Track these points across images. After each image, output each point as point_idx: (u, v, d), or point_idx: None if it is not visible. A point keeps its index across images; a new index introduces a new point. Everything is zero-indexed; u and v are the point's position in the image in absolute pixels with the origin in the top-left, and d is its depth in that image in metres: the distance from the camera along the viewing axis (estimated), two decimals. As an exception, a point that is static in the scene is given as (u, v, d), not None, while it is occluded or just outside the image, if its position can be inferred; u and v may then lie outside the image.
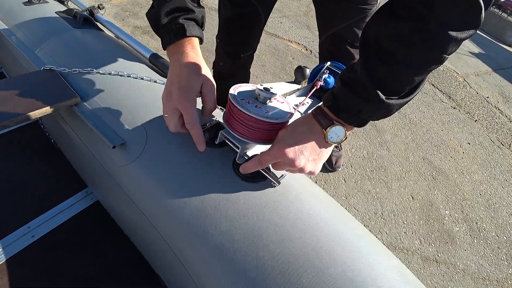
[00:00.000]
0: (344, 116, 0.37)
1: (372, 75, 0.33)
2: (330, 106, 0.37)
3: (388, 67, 0.33)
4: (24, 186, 0.68)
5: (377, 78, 0.33)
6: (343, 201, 1.23)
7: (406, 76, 0.33)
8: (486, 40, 4.42)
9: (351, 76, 0.35)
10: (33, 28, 0.69)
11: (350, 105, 0.36)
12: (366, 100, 0.34)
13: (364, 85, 0.34)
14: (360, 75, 0.34)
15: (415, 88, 0.35)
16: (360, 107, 0.35)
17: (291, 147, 0.37)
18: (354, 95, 0.35)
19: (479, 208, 1.44)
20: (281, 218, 0.39)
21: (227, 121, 0.43)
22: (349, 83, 0.36)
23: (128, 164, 0.45)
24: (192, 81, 0.41)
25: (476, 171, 1.67)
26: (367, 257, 0.37)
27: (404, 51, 0.32)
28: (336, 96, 0.37)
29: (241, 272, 0.36)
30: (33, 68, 0.60)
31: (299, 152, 0.37)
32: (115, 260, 0.61)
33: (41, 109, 0.48)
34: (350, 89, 0.35)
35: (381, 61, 0.33)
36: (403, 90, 0.34)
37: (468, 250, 1.22)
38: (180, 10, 0.42)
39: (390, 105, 0.34)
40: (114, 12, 1.95)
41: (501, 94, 2.75)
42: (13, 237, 0.59)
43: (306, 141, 0.37)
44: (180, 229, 0.41)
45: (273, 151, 0.38)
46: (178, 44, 0.42)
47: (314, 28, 2.54)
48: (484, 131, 2.08)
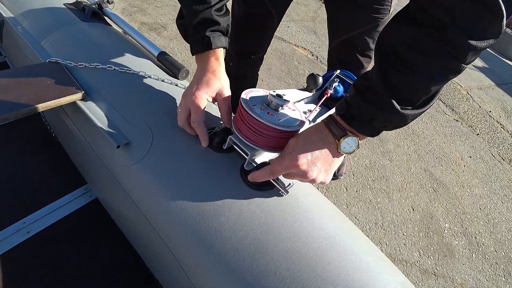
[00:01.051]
0: (356, 125, 0.36)
1: (386, 83, 0.32)
2: (343, 114, 0.37)
3: (403, 76, 0.32)
4: (22, 179, 0.67)
5: (392, 87, 0.32)
6: (344, 209, 1.22)
7: (422, 86, 0.32)
8: (489, 55, 4.45)
9: (365, 84, 0.35)
10: (40, 19, 0.68)
11: (363, 113, 0.35)
12: (380, 109, 0.33)
13: (378, 93, 0.33)
14: (375, 83, 0.33)
15: (431, 98, 0.34)
16: (373, 115, 0.34)
17: (304, 158, 0.36)
18: (368, 103, 0.34)
19: (478, 222, 1.44)
20: (287, 229, 0.38)
21: (237, 126, 0.42)
22: (362, 90, 0.35)
23: (132, 165, 0.44)
24: (207, 87, 0.45)
25: (477, 185, 1.67)
26: (375, 273, 0.36)
27: (421, 59, 0.31)
28: (349, 104, 0.36)
29: (242, 280, 0.35)
30: (38, 59, 0.58)
31: (312, 164, 0.36)
32: (111, 259, 0.60)
33: (44, 103, 0.46)
34: (364, 97, 0.34)
35: (397, 69, 0.32)
36: (418, 99, 0.33)
37: (466, 265, 1.21)
38: (206, 22, 0.45)
39: (405, 115, 0.33)
40: (122, 7, 1.94)
41: (503, 109, 2.76)
42: (7, 232, 0.57)
43: (319, 152, 0.37)
44: (182, 233, 0.39)
45: (285, 162, 0.37)
46: (204, 54, 0.46)
47: (321, 34, 2.54)
48: (486, 145, 2.08)
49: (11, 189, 0.64)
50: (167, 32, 1.85)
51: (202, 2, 0.44)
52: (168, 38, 1.80)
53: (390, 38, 0.33)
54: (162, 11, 2.04)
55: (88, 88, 0.51)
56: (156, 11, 2.02)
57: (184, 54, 1.73)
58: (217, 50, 0.46)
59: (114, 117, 0.47)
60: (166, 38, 1.79)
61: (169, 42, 1.77)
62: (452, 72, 0.31)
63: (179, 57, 1.69)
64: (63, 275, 0.55)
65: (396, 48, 0.32)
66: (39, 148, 0.73)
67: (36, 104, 0.46)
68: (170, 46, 1.74)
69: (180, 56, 1.70)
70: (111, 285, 0.57)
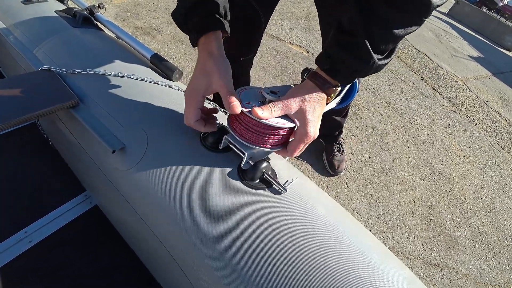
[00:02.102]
0: (341, 78, 0.40)
1: (369, 38, 0.37)
2: (327, 69, 0.40)
3: (382, 30, 0.37)
4: (21, 189, 0.66)
5: (373, 41, 0.37)
6: (345, 205, 1.22)
7: (393, 37, 0.37)
8: (485, 44, 4.45)
9: (348, 39, 0.38)
10: (32, 27, 0.68)
11: (347, 66, 0.39)
12: (363, 61, 0.38)
13: (363, 47, 0.37)
14: (360, 39, 0.37)
15: (394, 48, 0.40)
16: (356, 67, 0.38)
17: (316, 128, 0.40)
18: (352, 56, 0.38)
19: (480, 212, 1.44)
20: (287, 227, 0.38)
21: (231, 126, 0.41)
22: (346, 45, 0.38)
23: (128, 169, 0.44)
24: (196, 83, 0.41)
25: (477, 175, 1.67)
26: (378, 268, 0.36)
27: (397, 15, 0.36)
28: (333, 59, 0.39)
29: (245, 280, 0.35)
30: (31, 68, 0.58)
31: (317, 128, 0.41)
32: (113, 264, 0.60)
33: (38, 112, 0.46)
34: (348, 51, 0.38)
35: (377, 24, 0.37)
36: (388, 49, 0.39)
37: (470, 255, 1.21)
38: (201, 5, 0.41)
39: (380, 65, 0.39)
40: (115, 12, 1.94)
41: (500, 98, 2.76)
42: (10, 242, 0.57)
43: (319, 113, 0.41)
44: (181, 235, 0.39)
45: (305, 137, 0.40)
46: (199, 44, 0.43)
47: (315, 31, 2.54)
48: (484, 135, 2.08)
49: (11, 199, 0.64)
50: (161, 35, 1.85)
51: None
52: (162, 42, 1.80)
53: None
54: (155, 14, 2.04)
55: (81, 94, 0.51)
56: (149, 15, 2.02)
57: (179, 56, 1.73)
58: (211, 35, 0.42)
59: (108, 122, 0.47)
60: (160, 42, 1.79)
61: (163, 46, 1.77)
62: (416, 24, 0.38)
63: (173, 59, 1.69)
64: (63, 276, 0.55)
65: (376, 6, 0.36)
66: (37, 156, 0.73)
67: (30, 113, 0.46)
68: (164, 49, 1.74)
69: (175, 59, 1.70)
70: (110, 285, 0.57)
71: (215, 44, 0.42)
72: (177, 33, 1.91)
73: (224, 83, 0.40)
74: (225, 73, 0.41)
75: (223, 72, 0.41)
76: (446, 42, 3.72)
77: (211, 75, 0.41)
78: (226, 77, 0.41)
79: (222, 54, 0.42)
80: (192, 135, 0.46)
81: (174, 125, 0.47)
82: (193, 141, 0.45)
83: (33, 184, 0.68)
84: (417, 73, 2.57)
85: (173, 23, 1.67)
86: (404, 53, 2.84)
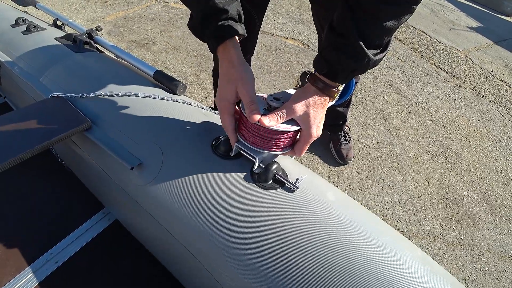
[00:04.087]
0: (340, 79, 0.42)
1: (362, 37, 0.38)
2: (326, 73, 0.41)
3: (373, 26, 0.38)
4: (42, 211, 0.69)
5: (366, 39, 0.38)
6: (358, 193, 1.22)
7: (386, 31, 0.38)
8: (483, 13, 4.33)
9: (342, 42, 0.39)
10: (35, 56, 0.70)
11: (345, 68, 0.40)
12: (359, 60, 0.39)
13: (357, 48, 0.38)
14: (353, 39, 0.38)
15: (390, 40, 0.41)
16: (354, 67, 0.40)
17: (320, 128, 0.43)
18: (348, 58, 0.39)
19: (497, 185, 1.42)
20: (305, 221, 0.39)
21: (240, 133, 0.43)
22: (340, 47, 0.39)
23: (147, 183, 0.45)
24: (224, 93, 0.42)
25: (490, 147, 1.64)
26: (392, 251, 0.38)
27: (387, 9, 0.37)
28: (330, 62, 0.40)
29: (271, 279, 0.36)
30: (40, 96, 0.60)
31: (321, 128, 0.43)
32: (137, 273, 0.62)
33: (54, 138, 0.48)
34: (344, 53, 0.39)
35: (367, 22, 0.37)
36: (382, 43, 0.40)
37: (491, 230, 1.20)
38: (212, 14, 0.41)
39: (377, 60, 0.40)
40: (108, 29, 1.96)
41: (505, 66, 2.69)
42: (38, 264, 0.60)
43: (323, 116, 0.43)
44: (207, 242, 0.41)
45: (309, 138, 0.43)
46: (218, 51, 0.43)
47: (308, 22, 2.52)
48: (493, 106, 2.04)
49: (34, 223, 0.67)
50: (155, 46, 1.87)
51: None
52: (158, 52, 1.82)
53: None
54: (147, 26, 2.06)
55: (93, 117, 0.53)
56: (142, 27, 2.04)
57: (176, 65, 1.75)
58: (228, 42, 0.42)
59: (123, 141, 0.49)
60: (156, 52, 1.81)
61: (159, 56, 1.79)
62: (407, 13, 0.38)
63: (171, 68, 1.70)
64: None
65: (364, 3, 0.37)
66: (53, 180, 0.75)
67: (47, 140, 0.48)
68: (161, 60, 1.76)
69: (173, 68, 1.71)
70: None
71: (234, 51, 0.42)
72: (171, 42, 1.92)
73: (246, 91, 0.41)
74: (248, 82, 0.42)
75: (245, 80, 0.42)
76: (443, 16, 3.63)
77: (235, 83, 0.42)
78: (248, 85, 0.42)
79: (243, 61, 0.43)
80: (204, 145, 0.47)
81: (185, 137, 0.49)
82: (205, 151, 0.46)
83: (52, 206, 0.70)
84: (416, 51, 2.53)
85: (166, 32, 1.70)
86: (401, 33, 2.79)
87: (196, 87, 1.60)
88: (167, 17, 2.19)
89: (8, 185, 0.72)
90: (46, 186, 0.74)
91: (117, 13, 2.18)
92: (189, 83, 1.62)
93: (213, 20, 0.41)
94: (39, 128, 0.49)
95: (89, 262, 0.62)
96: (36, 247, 0.62)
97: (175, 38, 1.96)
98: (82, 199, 0.71)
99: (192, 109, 0.56)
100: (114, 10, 2.20)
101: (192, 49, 1.88)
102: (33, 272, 0.58)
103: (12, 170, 0.46)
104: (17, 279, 0.56)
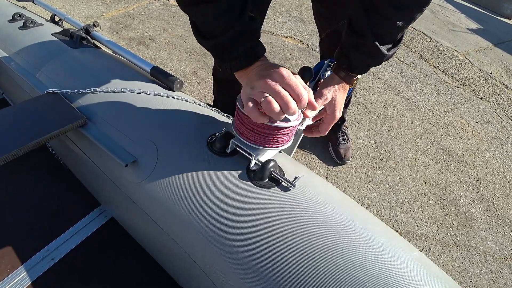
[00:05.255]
0: (358, 71, 0.48)
1: (378, 38, 0.43)
2: (346, 67, 0.47)
3: (388, 28, 0.43)
4: (38, 208, 0.69)
5: (381, 39, 0.43)
6: (355, 193, 1.22)
7: (399, 30, 0.44)
8: (483, 15, 4.34)
9: (361, 42, 0.44)
10: (32, 52, 0.69)
11: (363, 63, 0.47)
12: (376, 57, 0.45)
13: (373, 47, 0.44)
14: (369, 40, 0.43)
15: (402, 36, 0.46)
16: (370, 62, 0.47)
17: (341, 110, 0.49)
18: (366, 56, 0.45)
19: (494, 187, 1.42)
20: (300, 220, 0.39)
21: (237, 129, 0.42)
22: (360, 47, 0.45)
23: (142, 181, 0.45)
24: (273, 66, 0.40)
25: (487, 149, 1.64)
26: (389, 251, 0.37)
27: (400, 13, 0.41)
28: (351, 58, 0.46)
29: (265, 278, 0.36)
30: (36, 92, 0.60)
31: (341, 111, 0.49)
32: (133, 271, 0.61)
33: (49, 134, 0.48)
34: (363, 52, 0.45)
35: (382, 25, 0.42)
36: (396, 39, 0.45)
37: (487, 231, 1.21)
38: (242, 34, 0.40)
39: (391, 55, 0.46)
40: (108, 26, 1.95)
41: (504, 68, 2.70)
42: (33, 261, 0.59)
43: (344, 100, 0.49)
44: (201, 240, 0.40)
45: (333, 120, 0.49)
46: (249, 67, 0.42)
47: (308, 21, 2.51)
48: (491, 108, 2.04)
49: (30, 220, 0.66)
50: (155, 44, 1.86)
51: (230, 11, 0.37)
52: (157, 50, 1.81)
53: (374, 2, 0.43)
54: (147, 24, 2.05)
55: (88, 113, 0.53)
56: (142, 25, 2.03)
57: (175, 63, 1.74)
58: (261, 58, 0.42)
59: (118, 137, 0.48)
60: (155, 50, 1.80)
61: (159, 54, 1.78)
62: (418, 13, 0.42)
63: (170, 66, 1.70)
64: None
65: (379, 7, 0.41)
66: (49, 176, 0.75)
67: (41, 137, 0.47)
68: (160, 57, 1.75)
69: (172, 66, 1.71)
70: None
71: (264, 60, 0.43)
72: (171, 40, 1.91)
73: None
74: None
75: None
76: (443, 17, 3.64)
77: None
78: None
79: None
80: (200, 142, 0.47)
81: (181, 134, 0.48)
82: (201, 147, 0.46)
83: (49, 203, 0.70)
84: (416, 52, 2.53)
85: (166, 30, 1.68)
86: (401, 34, 2.79)
87: (195, 86, 1.60)
88: (167, 15, 2.18)
89: (4, 182, 0.72)
90: (42, 183, 0.74)
91: (117, 10, 2.17)
92: (188, 82, 1.61)
93: (246, 39, 0.40)
94: (33, 124, 0.49)
95: (85, 259, 0.62)
96: (32, 244, 0.62)
97: (175, 36, 1.95)
98: (79, 197, 0.71)
99: (189, 105, 0.56)
100: (113, 7, 2.19)
101: (191, 47, 1.87)
102: (29, 269, 0.57)
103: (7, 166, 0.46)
104: (13, 276, 0.56)
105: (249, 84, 0.38)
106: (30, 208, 0.68)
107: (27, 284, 0.56)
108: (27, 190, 0.72)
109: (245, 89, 0.39)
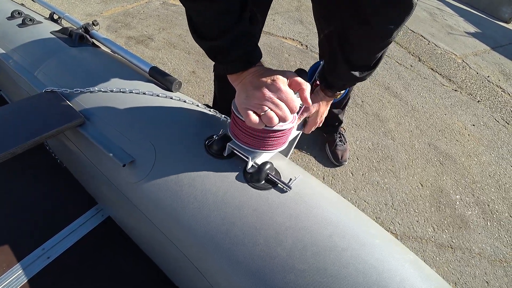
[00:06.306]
0: (336, 90, 0.56)
1: (349, 65, 0.49)
2: (325, 86, 0.56)
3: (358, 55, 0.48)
4: (35, 207, 0.68)
5: (353, 66, 0.49)
6: (352, 194, 1.22)
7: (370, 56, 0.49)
8: (481, 19, 4.37)
9: (333, 67, 0.52)
10: (30, 50, 0.69)
11: (339, 83, 0.54)
12: (349, 80, 0.52)
13: (345, 73, 0.50)
14: (340, 67, 0.50)
15: (380, 59, 0.50)
16: (345, 83, 0.54)
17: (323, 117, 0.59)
18: (339, 79, 0.53)
19: (489, 189, 1.43)
20: (296, 222, 0.39)
21: (233, 133, 0.43)
22: (334, 71, 0.52)
23: (139, 181, 0.45)
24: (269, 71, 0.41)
25: (483, 152, 1.66)
26: (384, 253, 0.37)
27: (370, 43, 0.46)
28: (328, 79, 0.54)
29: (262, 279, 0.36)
30: (34, 90, 0.60)
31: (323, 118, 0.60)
32: (132, 273, 0.62)
33: (47, 133, 0.48)
34: (336, 75, 0.52)
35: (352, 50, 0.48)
36: (370, 63, 0.50)
37: (482, 234, 1.22)
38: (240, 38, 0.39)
39: (363, 77, 0.51)
40: (107, 24, 1.95)
41: (501, 72, 2.72)
42: (29, 259, 0.59)
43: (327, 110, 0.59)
44: (196, 240, 0.41)
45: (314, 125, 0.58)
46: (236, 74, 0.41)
47: (308, 22, 2.52)
48: (488, 111, 2.06)
49: (26, 218, 0.66)
50: (154, 42, 1.86)
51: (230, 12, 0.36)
52: (156, 49, 1.81)
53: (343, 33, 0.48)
54: (146, 22, 2.05)
55: (86, 113, 0.53)
56: (141, 24, 2.02)
57: (174, 62, 1.74)
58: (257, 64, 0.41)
59: (116, 137, 0.48)
60: (154, 49, 1.80)
61: (157, 53, 1.78)
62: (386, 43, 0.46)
63: (169, 66, 1.70)
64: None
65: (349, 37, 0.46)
66: (47, 175, 0.75)
67: (39, 135, 0.47)
68: (159, 56, 1.75)
69: (170, 65, 1.71)
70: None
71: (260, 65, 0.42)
72: (170, 39, 1.91)
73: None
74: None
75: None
76: (441, 20, 3.66)
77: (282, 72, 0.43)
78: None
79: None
80: (197, 144, 0.47)
81: (179, 135, 0.49)
82: (198, 149, 0.46)
83: (46, 202, 0.70)
84: (414, 55, 2.54)
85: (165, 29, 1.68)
86: (399, 36, 2.81)
87: (193, 85, 1.60)
88: (166, 14, 2.18)
89: (1, 180, 0.71)
90: (40, 181, 0.74)
91: (116, 9, 2.16)
92: (186, 81, 1.61)
93: (243, 44, 0.39)
94: (31, 123, 0.49)
95: (81, 258, 0.62)
96: (28, 242, 0.62)
97: (174, 35, 1.95)
98: (76, 195, 0.71)
99: (187, 106, 0.56)
100: (112, 5, 2.19)
101: (190, 47, 1.87)
102: (25, 267, 0.57)
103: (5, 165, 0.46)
104: (9, 274, 0.56)
105: (244, 91, 0.38)
106: (27, 206, 0.68)
107: (23, 282, 0.55)
108: (24, 188, 0.71)
109: (239, 95, 0.39)
